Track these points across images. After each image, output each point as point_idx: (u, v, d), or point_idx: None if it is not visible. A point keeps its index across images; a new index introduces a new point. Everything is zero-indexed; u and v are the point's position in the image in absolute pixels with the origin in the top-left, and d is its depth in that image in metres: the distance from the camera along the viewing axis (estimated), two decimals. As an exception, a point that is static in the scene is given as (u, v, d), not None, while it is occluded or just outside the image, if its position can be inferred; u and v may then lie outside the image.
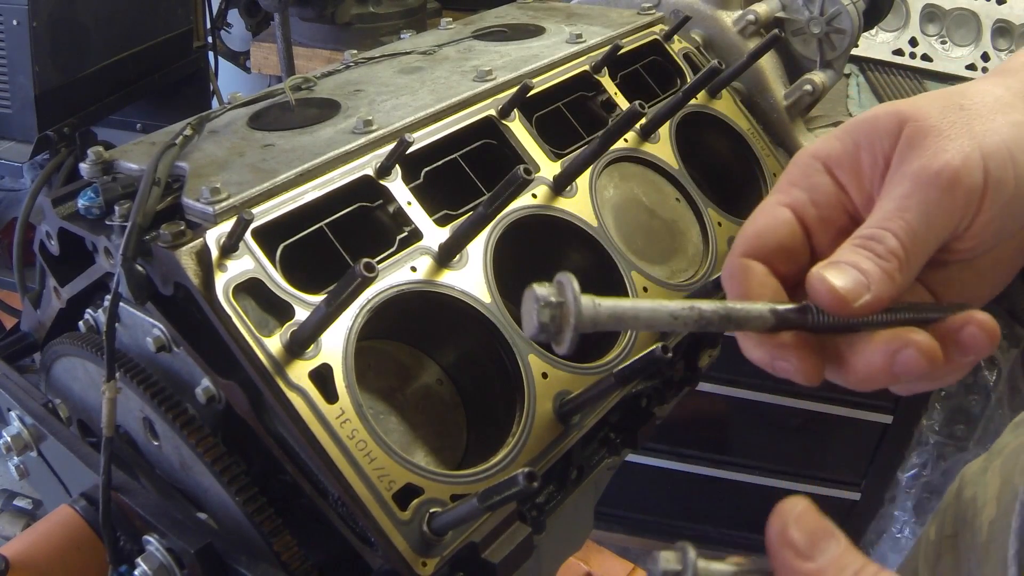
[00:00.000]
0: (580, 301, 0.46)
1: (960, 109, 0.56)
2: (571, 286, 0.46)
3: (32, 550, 0.85)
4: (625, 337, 0.95)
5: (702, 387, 1.94)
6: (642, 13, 1.31)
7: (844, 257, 0.54)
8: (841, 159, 0.59)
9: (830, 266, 0.53)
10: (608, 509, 2.31)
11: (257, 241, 0.78)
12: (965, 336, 0.54)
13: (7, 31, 1.54)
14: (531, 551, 0.79)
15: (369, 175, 0.88)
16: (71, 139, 1.68)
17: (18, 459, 0.99)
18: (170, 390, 0.82)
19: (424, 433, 0.87)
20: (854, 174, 0.59)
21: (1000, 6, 2.03)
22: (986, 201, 0.54)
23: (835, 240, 0.57)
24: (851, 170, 0.59)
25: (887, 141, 0.57)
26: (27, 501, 2.35)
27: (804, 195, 0.60)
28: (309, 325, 0.73)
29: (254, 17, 2.41)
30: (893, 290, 0.53)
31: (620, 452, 1.03)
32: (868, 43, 2.04)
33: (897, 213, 0.54)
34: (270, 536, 0.77)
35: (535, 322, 0.46)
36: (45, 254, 0.93)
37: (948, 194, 0.53)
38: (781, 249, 0.59)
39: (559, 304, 0.46)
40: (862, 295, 0.52)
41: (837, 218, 0.60)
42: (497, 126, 1.02)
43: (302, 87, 1.05)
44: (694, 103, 1.20)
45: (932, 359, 0.52)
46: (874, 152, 0.58)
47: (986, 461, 1.06)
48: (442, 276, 0.86)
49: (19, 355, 1.07)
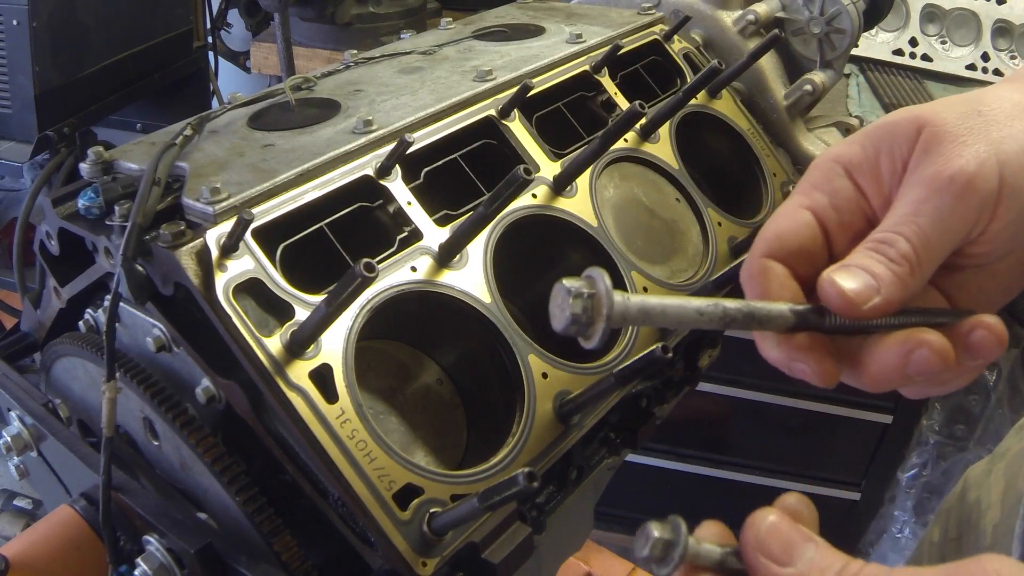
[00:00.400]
0: (612, 295, 0.46)
1: (978, 115, 0.57)
2: (603, 280, 0.46)
3: (32, 550, 0.85)
4: (625, 337, 0.95)
5: (702, 387, 1.94)
6: (642, 13, 1.31)
7: (855, 260, 0.54)
8: (861, 164, 0.60)
9: (841, 269, 0.54)
10: (608, 509, 2.30)
11: (257, 241, 0.78)
12: (975, 339, 0.54)
13: (7, 31, 1.54)
14: (531, 551, 0.79)
15: (369, 175, 0.88)
16: (71, 139, 1.68)
17: (18, 459, 0.99)
18: (170, 390, 0.82)
19: (424, 433, 0.87)
20: (873, 178, 0.60)
21: (1000, 6, 2.03)
22: (1001, 207, 0.55)
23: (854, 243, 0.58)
24: (870, 174, 0.60)
25: (905, 146, 0.58)
26: (27, 501, 2.34)
27: (824, 198, 0.61)
28: (309, 325, 0.73)
29: (254, 17, 2.41)
30: (904, 293, 0.53)
31: (620, 452, 1.03)
32: (868, 43, 2.04)
33: (910, 217, 0.54)
34: (270, 536, 0.77)
35: (567, 314, 0.46)
36: (45, 254, 0.93)
37: (962, 199, 0.54)
38: (801, 251, 0.60)
39: (591, 296, 0.46)
40: (872, 298, 0.52)
41: (856, 222, 0.60)
42: (497, 126, 1.02)
43: (302, 87, 1.05)
44: (694, 103, 1.20)
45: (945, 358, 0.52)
46: (892, 157, 0.58)
47: (990, 464, 1.06)
48: (442, 276, 0.86)
49: (19, 355, 1.07)
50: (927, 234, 0.54)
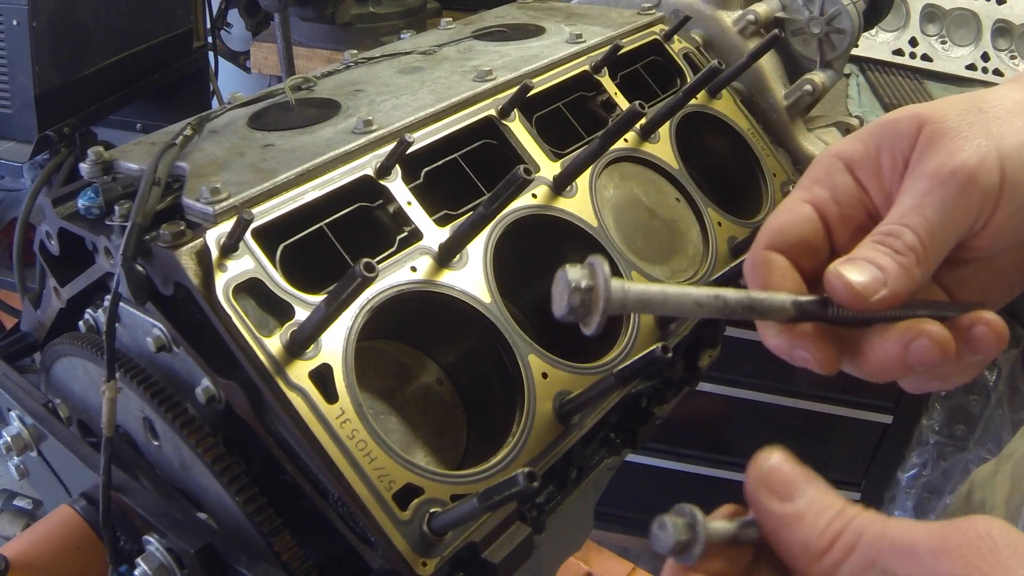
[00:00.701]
0: (610, 285, 0.47)
1: (979, 111, 0.58)
2: (602, 269, 0.47)
3: (32, 550, 0.85)
4: (625, 337, 0.95)
5: (702, 387, 1.94)
6: (642, 13, 1.31)
7: (862, 254, 0.55)
8: (862, 160, 0.61)
9: (848, 262, 0.54)
10: (608, 509, 2.31)
11: (257, 241, 0.78)
12: (975, 334, 0.54)
13: (7, 31, 1.54)
14: (531, 551, 0.79)
15: (369, 175, 0.88)
16: (71, 139, 1.68)
17: (18, 459, 0.99)
18: (170, 390, 0.82)
19: (424, 433, 0.87)
20: (874, 174, 0.60)
21: (1000, 6, 2.03)
22: (1003, 200, 0.55)
23: (854, 237, 0.59)
24: (871, 170, 0.60)
25: (906, 143, 0.58)
26: (27, 501, 2.34)
27: (826, 193, 0.62)
28: (309, 325, 0.73)
29: (254, 17, 2.41)
30: (910, 285, 0.54)
31: (620, 452, 1.03)
32: (868, 43, 2.04)
33: (915, 210, 0.55)
34: (270, 536, 0.77)
35: (565, 303, 0.47)
36: (45, 254, 0.93)
37: (965, 192, 0.54)
38: (802, 244, 0.60)
39: (589, 288, 0.47)
40: (879, 290, 0.53)
41: (857, 216, 0.61)
42: (497, 126, 1.02)
43: (302, 87, 1.05)
44: (694, 103, 1.20)
45: (945, 349, 0.53)
46: (894, 153, 0.59)
47: (996, 465, 1.06)
48: (442, 276, 0.86)
49: (19, 355, 1.07)
50: (933, 225, 0.54)
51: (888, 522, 0.43)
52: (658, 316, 0.98)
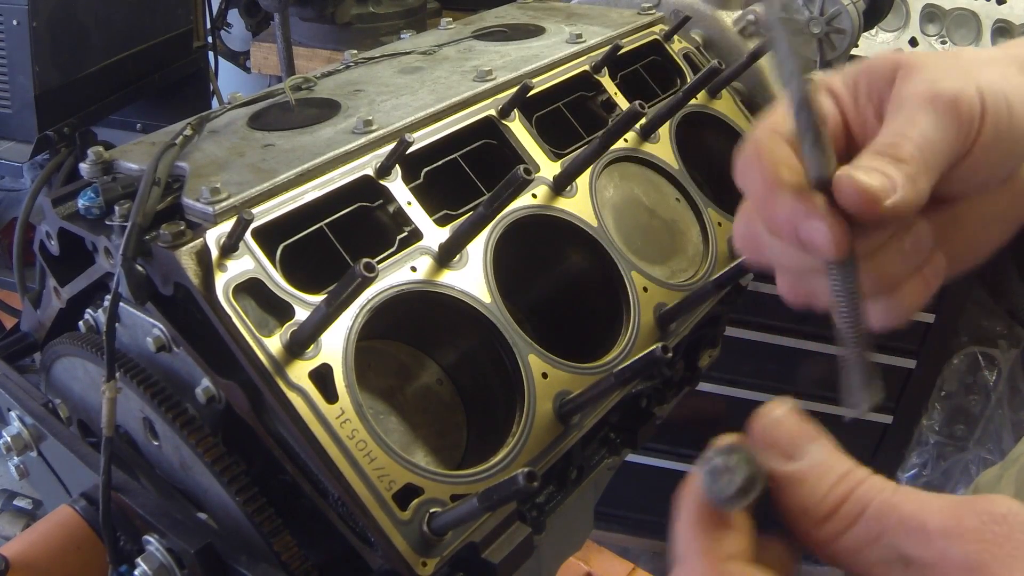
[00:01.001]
0: None
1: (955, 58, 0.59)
2: None
3: (32, 550, 0.85)
4: (625, 337, 0.95)
5: (702, 387, 1.94)
6: (642, 13, 1.31)
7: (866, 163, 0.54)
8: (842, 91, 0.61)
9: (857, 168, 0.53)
10: (608, 509, 2.31)
11: (257, 241, 0.78)
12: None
13: (7, 31, 1.54)
14: (531, 551, 0.79)
15: (369, 175, 0.88)
16: (71, 139, 1.68)
17: (18, 459, 0.99)
18: (170, 390, 0.82)
19: (424, 433, 0.87)
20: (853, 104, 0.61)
21: (1000, 6, 2.03)
22: (986, 124, 0.55)
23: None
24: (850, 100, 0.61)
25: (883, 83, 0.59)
26: (27, 501, 2.35)
27: None
28: (309, 325, 0.73)
29: (254, 17, 2.40)
30: (915, 195, 0.53)
31: (620, 452, 1.03)
32: (868, 43, 2.04)
33: (909, 124, 0.55)
34: (270, 536, 0.77)
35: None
36: (45, 254, 0.93)
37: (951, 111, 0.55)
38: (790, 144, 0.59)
39: None
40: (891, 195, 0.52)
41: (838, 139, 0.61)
42: (497, 126, 1.02)
43: (302, 87, 1.05)
44: (694, 103, 1.20)
45: None
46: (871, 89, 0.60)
47: (1000, 469, 1.06)
48: (442, 276, 0.86)
49: (19, 355, 1.07)
50: (928, 137, 0.54)
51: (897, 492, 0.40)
52: (657, 316, 0.98)
